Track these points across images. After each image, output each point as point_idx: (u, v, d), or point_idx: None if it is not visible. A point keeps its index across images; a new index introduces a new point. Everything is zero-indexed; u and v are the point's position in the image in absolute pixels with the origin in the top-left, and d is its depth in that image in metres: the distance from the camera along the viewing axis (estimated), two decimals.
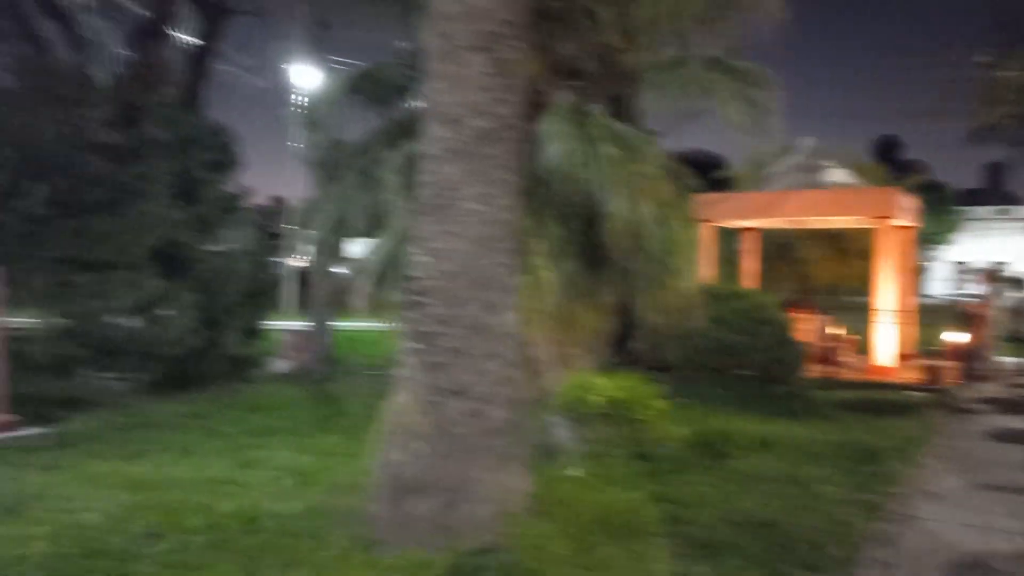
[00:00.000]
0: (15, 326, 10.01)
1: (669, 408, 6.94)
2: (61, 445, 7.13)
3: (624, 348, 9.58)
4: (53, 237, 10.45)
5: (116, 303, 10.26)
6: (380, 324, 11.17)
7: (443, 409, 4.87)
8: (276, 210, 30.56)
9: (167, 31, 14.91)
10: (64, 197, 10.60)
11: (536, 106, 7.23)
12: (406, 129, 8.47)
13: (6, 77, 17.88)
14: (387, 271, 8.44)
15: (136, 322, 10.35)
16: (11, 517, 5.13)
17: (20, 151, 10.47)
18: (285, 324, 15.33)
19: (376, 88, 8.95)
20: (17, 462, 6.50)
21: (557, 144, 7.02)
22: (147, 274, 10.59)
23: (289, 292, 24.26)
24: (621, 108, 8.40)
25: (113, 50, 16.79)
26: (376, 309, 8.66)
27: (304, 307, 21.07)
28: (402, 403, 5.02)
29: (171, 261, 10.99)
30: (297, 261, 24.35)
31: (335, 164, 9.24)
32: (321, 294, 12.53)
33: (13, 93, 11.60)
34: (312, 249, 11.79)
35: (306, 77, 19.47)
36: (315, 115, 9.39)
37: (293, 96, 21.03)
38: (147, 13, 15.29)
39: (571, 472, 5.94)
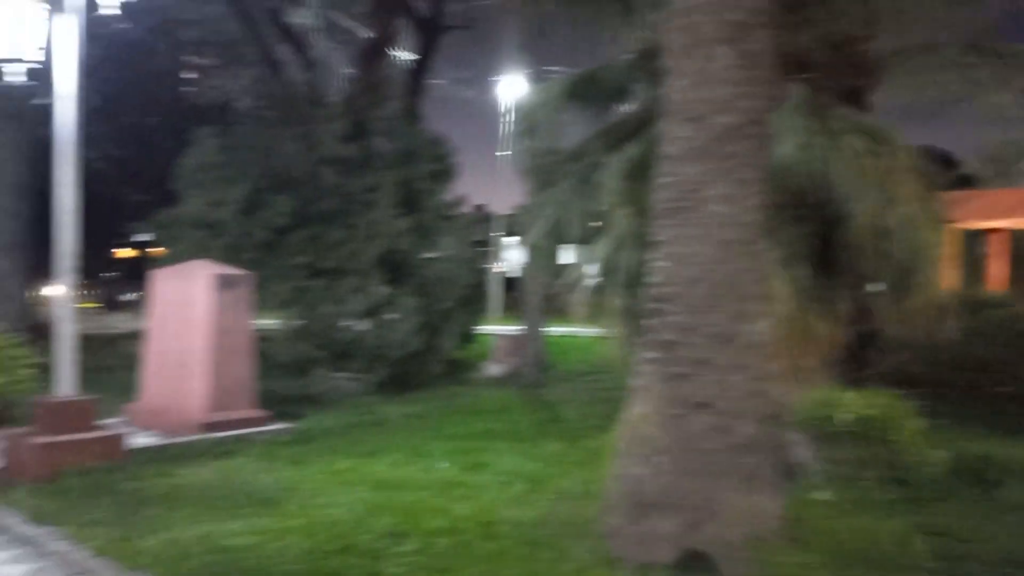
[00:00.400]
0: (260, 328, 10.84)
1: (925, 428, 6.25)
2: (304, 441, 7.56)
3: (862, 361, 8.84)
4: (291, 245, 11.23)
5: (347, 307, 10.84)
6: (593, 329, 11.08)
7: (686, 423, 4.62)
8: (480, 218, 31.45)
9: (388, 49, 15.70)
10: (301, 208, 11.38)
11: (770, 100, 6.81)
12: (627, 131, 8.31)
13: (248, 99, 19.62)
14: (606, 277, 8.29)
15: (364, 325, 10.88)
16: (269, 509, 5.44)
17: (263, 167, 11.36)
18: (495, 328, 15.64)
19: (595, 91, 8.85)
20: (269, 456, 6.95)
21: (793, 139, 6.57)
22: (373, 280, 11.12)
23: (494, 297, 24.83)
24: (854, 101, 7.77)
25: (339, 69, 17.97)
26: (593, 315, 8.53)
27: (509, 312, 21.49)
28: (641, 414, 4.82)
29: (394, 268, 11.49)
30: (503, 267, 24.92)
31: (550, 170, 9.22)
32: (534, 299, 12.62)
33: (256, 114, 12.63)
34: (525, 255, 11.90)
35: (515, 86, 19.84)
36: (531, 122, 9.41)
37: (501, 105, 21.54)
38: (370, 34, 16.19)
39: (818, 495, 5.48)
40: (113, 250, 28.82)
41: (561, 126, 9.15)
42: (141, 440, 7.32)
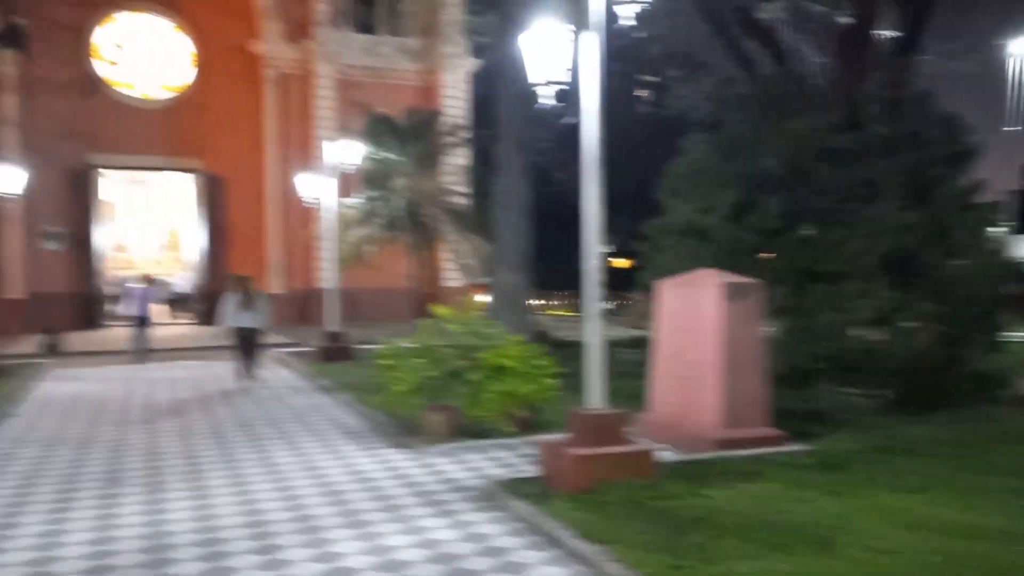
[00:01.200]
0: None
1: None
2: (832, 467, 6.77)
3: None
4: (783, 249, 10.52)
5: (851, 315, 9.78)
6: None
7: None
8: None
9: (872, 29, 14.20)
10: (791, 209, 10.61)
11: None
12: None
13: (710, 107, 19.42)
14: None
15: (873, 335, 9.72)
16: (822, 550, 4.81)
17: (752, 169, 10.82)
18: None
19: None
20: (798, 482, 6.32)
21: None
22: (879, 283, 9.88)
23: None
24: None
25: (813, 59, 16.84)
26: None
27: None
28: None
29: (903, 268, 10.10)
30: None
31: None
32: None
33: (739, 116, 12.16)
34: None
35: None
36: None
37: (1009, 74, 18.31)
38: (849, 17, 14.85)
39: None
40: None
41: None
42: (658, 455, 7.21)
